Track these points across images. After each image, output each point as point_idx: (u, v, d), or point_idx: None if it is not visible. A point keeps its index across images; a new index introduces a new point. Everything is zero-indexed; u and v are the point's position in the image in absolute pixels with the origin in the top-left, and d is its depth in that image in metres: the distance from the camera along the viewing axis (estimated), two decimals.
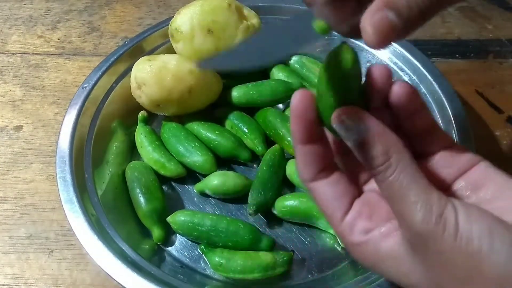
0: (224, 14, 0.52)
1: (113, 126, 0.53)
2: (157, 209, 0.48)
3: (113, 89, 0.54)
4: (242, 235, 0.46)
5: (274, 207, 0.48)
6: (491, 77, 0.63)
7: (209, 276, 0.46)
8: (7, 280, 0.47)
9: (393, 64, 0.55)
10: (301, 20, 0.27)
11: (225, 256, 0.44)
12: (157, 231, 0.47)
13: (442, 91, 0.51)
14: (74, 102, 0.51)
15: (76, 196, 0.44)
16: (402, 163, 0.25)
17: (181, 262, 0.47)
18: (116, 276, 0.40)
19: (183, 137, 0.52)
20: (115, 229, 0.44)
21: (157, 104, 0.51)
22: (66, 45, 0.67)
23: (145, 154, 0.52)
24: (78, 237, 0.42)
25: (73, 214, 0.43)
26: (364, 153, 0.26)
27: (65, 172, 0.46)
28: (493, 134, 0.57)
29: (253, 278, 0.44)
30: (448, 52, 0.65)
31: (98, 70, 0.54)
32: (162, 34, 0.57)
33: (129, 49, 0.56)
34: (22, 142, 0.57)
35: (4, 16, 0.71)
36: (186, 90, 0.50)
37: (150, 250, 0.47)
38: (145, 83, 0.50)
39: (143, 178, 0.49)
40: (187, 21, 0.52)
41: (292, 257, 0.45)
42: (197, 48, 0.53)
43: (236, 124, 0.53)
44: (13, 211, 0.51)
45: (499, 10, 0.71)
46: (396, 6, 0.24)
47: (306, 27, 0.26)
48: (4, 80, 0.63)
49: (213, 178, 0.50)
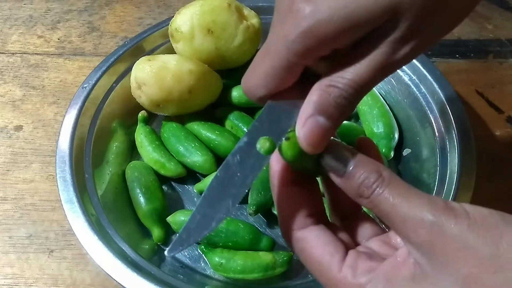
0: (224, 14, 0.52)
1: (113, 126, 0.53)
2: (157, 209, 0.48)
3: (113, 89, 0.54)
4: (242, 235, 0.46)
5: (274, 207, 0.48)
6: (491, 77, 0.63)
7: (209, 276, 0.46)
8: (7, 280, 0.47)
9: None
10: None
11: (225, 256, 0.45)
12: (157, 231, 0.47)
13: (442, 91, 0.51)
14: (74, 102, 0.51)
15: (76, 196, 0.44)
16: (394, 177, 0.26)
17: (181, 262, 0.47)
18: (116, 276, 0.40)
19: (183, 137, 0.52)
20: (115, 229, 0.44)
21: (157, 104, 0.51)
22: (66, 45, 0.67)
23: (145, 154, 0.52)
24: (78, 237, 0.42)
25: (73, 214, 0.43)
26: (356, 179, 0.26)
27: (65, 172, 0.46)
28: (493, 134, 0.57)
29: (253, 278, 0.44)
30: (448, 52, 0.65)
31: (98, 70, 0.54)
32: (162, 34, 0.57)
33: (129, 49, 0.56)
34: (22, 142, 0.57)
35: (4, 16, 0.71)
36: (186, 90, 0.50)
37: (150, 250, 0.47)
38: (145, 83, 0.50)
39: (143, 178, 0.49)
40: (187, 21, 0.52)
41: (292, 257, 0.45)
42: (197, 48, 0.53)
43: (236, 124, 0.53)
44: (13, 211, 0.51)
45: (499, 10, 0.71)
46: (326, 109, 0.25)
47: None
48: (4, 80, 0.63)
49: None
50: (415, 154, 0.52)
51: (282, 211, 0.29)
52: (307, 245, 0.27)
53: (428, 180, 0.48)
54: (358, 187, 0.26)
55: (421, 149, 0.52)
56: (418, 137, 0.52)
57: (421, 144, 0.52)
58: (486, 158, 0.53)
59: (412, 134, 0.53)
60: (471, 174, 0.45)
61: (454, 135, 0.48)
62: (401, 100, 0.54)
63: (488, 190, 0.51)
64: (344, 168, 0.26)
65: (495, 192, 0.52)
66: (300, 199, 0.28)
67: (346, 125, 0.53)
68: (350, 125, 0.53)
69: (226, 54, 0.53)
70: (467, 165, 0.46)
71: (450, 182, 0.45)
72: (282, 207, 0.29)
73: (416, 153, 0.52)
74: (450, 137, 0.48)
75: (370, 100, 0.54)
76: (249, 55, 0.56)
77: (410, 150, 0.52)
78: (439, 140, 0.49)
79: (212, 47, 0.53)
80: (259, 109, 0.55)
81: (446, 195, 0.44)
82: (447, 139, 0.48)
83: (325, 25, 0.24)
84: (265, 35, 0.56)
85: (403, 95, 0.54)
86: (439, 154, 0.48)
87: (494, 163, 0.54)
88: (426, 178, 0.49)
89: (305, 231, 0.28)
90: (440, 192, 0.45)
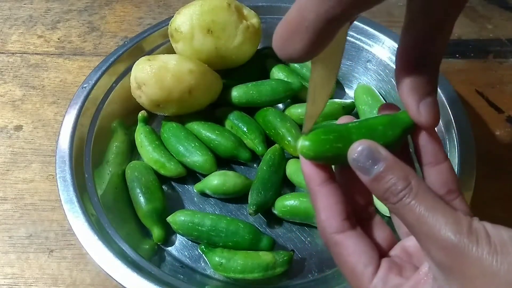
0: (224, 14, 0.52)
1: (113, 126, 0.53)
2: (157, 209, 0.48)
3: (113, 89, 0.54)
4: (242, 235, 0.46)
5: (274, 207, 0.48)
6: (491, 77, 0.63)
7: (209, 276, 0.46)
8: (7, 280, 0.47)
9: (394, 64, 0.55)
10: None
11: (225, 256, 0.45)
12: (157, 231, 0.47)
13: (442, 91, 0.51)
14: (74, 102, 0.51)
15: (76, 196, 0.44)
16: (423, 187, 0.25)
17: (181, 262, 0.47)
18: (116, 276, 0.40)
19: (183, 137, 0.52)
20: (115, 229, 0.44)
21: (157, 104, 0.51)
22: (66, 45, 0.67)
23: (145, 154, 0.52)
24: (78, 237, 0.42)
25: (73, 214, 0.43)
26: (383, 183, 0.25)
27: (65, 172, 0.46)
28: (493, 134, 0.57)
29: (253, 278, 0.44)
30: (448, 52, 0.65)
31: (98, 70, 0.54)
32: (162, 34, 0.57)
33: (129, 49, 0.56)
34: (22, 142, 0.57)
35: (4, 16, 0.71)
36: (186, 90, 0.50)
37: (150, 250, 0.47)
38: (145, 83, 0.50)
39: (143, 178, 0.49)
40: (186, 21, 0.52)
41: (292, 257, 0.45)
42: (196, 48, 0.53)
43: (236, 124, 0.53)
44: (13, 211, 0.51)
45: (499, 10, 0.71)
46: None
47: None
48: (4, 80, 0.63)
49: (213, 178, 0.50)
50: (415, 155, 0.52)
51: (319, 213, 0.28)
52: (344, 252, 0.27)
53: None
54: (385, 191, 0.25)
55: None
56: None
57: None
58: (486, 158, 0.53)
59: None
60: (471, 174, 0.45)
61: (454, 135, 0.48)
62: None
63: (488, 190, 0.51)
64: (372, 169, 0.25)
65: (495, 192, 0.52)
66: (335, 199, 0.28)
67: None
68: None
69: (226, 54, 0.53)
70: (467, 165, 0.46)
71: None
72: (319, 208, 0.28)
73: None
74: (450, 137, 0.48)
75: (370, 100, 0.54)
76: (249, 55, 0.56)
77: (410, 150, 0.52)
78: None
79: (212, 47, 0.53)
80: (259, 109, 0.55)
81: None
82: (447, 139, 0.48)
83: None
84: (265, 35, 0.57)
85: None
86: None
87: (494, 163, 0.54)
88: None
89: (343, 236, 0.27)
90: None
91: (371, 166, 0.25)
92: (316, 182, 0.28)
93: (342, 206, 0.28)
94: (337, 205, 0.28)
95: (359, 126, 0.28)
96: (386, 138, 0.27)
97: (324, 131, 0.27)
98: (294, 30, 0.23)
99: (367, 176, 0.26)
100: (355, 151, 0.26)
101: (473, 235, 0.23)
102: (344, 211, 0.28)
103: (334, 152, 0.27)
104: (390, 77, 0.55)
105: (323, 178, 0.28)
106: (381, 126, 0.28)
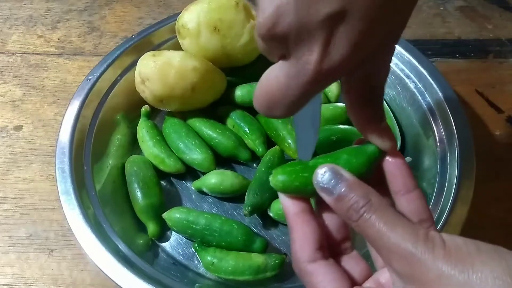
0: (231, 12, 0.52)
1: (117, 119, 0.53)
2: (153, 205, 0.48)
3: (118, 82, 0.54)
4: (236, 236, 0.45)
5: (270, 209, 0.48)
6: (491, 77, 0.63)
7: (201, 274, 0.46)
8: (7, 280, 0.47)
9: (393, 65, 0.55)
10: None
11: (217, 255, 0.45)
12: (152, 226, 0.47)
13: (442, 91, 0.50)
14: (78, 93, 0.51)
15: (73, 188, 0.44)
16: (383, 203, 0.26)
17: (174, 259, 0.47)
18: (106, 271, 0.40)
19: (184, 133, 0.52)
20: (110, 223, 0.44)
21: (160, 100, 0.51)
22: (66, 45, 0.67)
23: (146, 148, 0.52)
24: (74, 231, 0.42)
25: (69, 205, 0.43)
26: (346, 201, 0.26)
27: (64, 164, 0.46)
28: (493, 134, 0.57)
29: (243, 280, 0.44)
30: (448, 52, 0.65)
31: (104, 63, 0.53)
32: (170, 29, 0.57)
33: (135, 43, 0.55)
34: (22, 142, 0.57)
35: (4, 16, 0.71)
36: (189, 87, 0.50)
37: (145, 245, 0.47)
38: (149, 78, 0.50)
39: (142, 172, 0.49)
40: (193, 18, 0.52)
41: (284, 260, 0.45)
42: (203, 45, 0.52)
43: (238, 124, 0.53)
44: (13, 211, 0.51)
45: (499, 10, 0.71)
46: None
47: None
48: (4, 80, 0.63)
49: (211, 176, 0.50)
50: (416, 162, 0.51)
51: (293, 243, 0.29)
52: (314, 280, 0.28)
53: (428, 184, 0.48)
54: (347, 210, 0.26)
55: (423, 157, 0.51)
56: (419, 144, 0.52)
57: (423, 152, 0.51)
58: (486, 158, 0.53)
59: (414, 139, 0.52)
60: (471, 174, 0.45)
61: (454, 135, 0.48)
62: (406, 107, 0.54)
63: (488, 190, 0.51)
64: (335, 189, 0.27)
65: (495, 192, 0.52)
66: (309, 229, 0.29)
67: (348, 130, 0.52)
68: (351, 129, 0.51)
69: (231, 52, 0.53)
70: (467, 165, 0.45)
71: (450, 185, 0.45)
72: (294, 239, 0.29)
73: (417, 162, 0.51)
74: (450, 137, 0.48)
75: None
76: (255, 54, 0.56)
77: (411, 158, 0.52)
78: (439, 146, 0.48)
79: (218, 45, 0.52)
80: None
81: (446, 198, 0.44)
82: (447, 139, 0.48)
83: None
84: None
85: (408, 103, 0.54)
86: (439, 159, 0.48)
87: (494, 163, 0.54)
88: (426, 179, 0.49)
89: (314, 265, 0.28)
90: (440, 193, 0.45)
91: (334, 187, 0.27)
92: (292, 212, 0.29)
93: (316, 236, 0.29)
94: (311, 234, 0.29)
95: (325, 157, 0.30)
96: (350, 165, 0.28)
97: (291, 163, 0.30)
98: (276, 102, 0.26)
99: (330, 196, 0.27)
100: (319, 174, 0.27)
101: (430, 242, 0.25)
102: (318, 241, 0.28)
103: (301, 181, 0.29)
104: (396, 83, 0.55)
105: (299, 208, 0.29)
106: (346, 155, 0.29)
